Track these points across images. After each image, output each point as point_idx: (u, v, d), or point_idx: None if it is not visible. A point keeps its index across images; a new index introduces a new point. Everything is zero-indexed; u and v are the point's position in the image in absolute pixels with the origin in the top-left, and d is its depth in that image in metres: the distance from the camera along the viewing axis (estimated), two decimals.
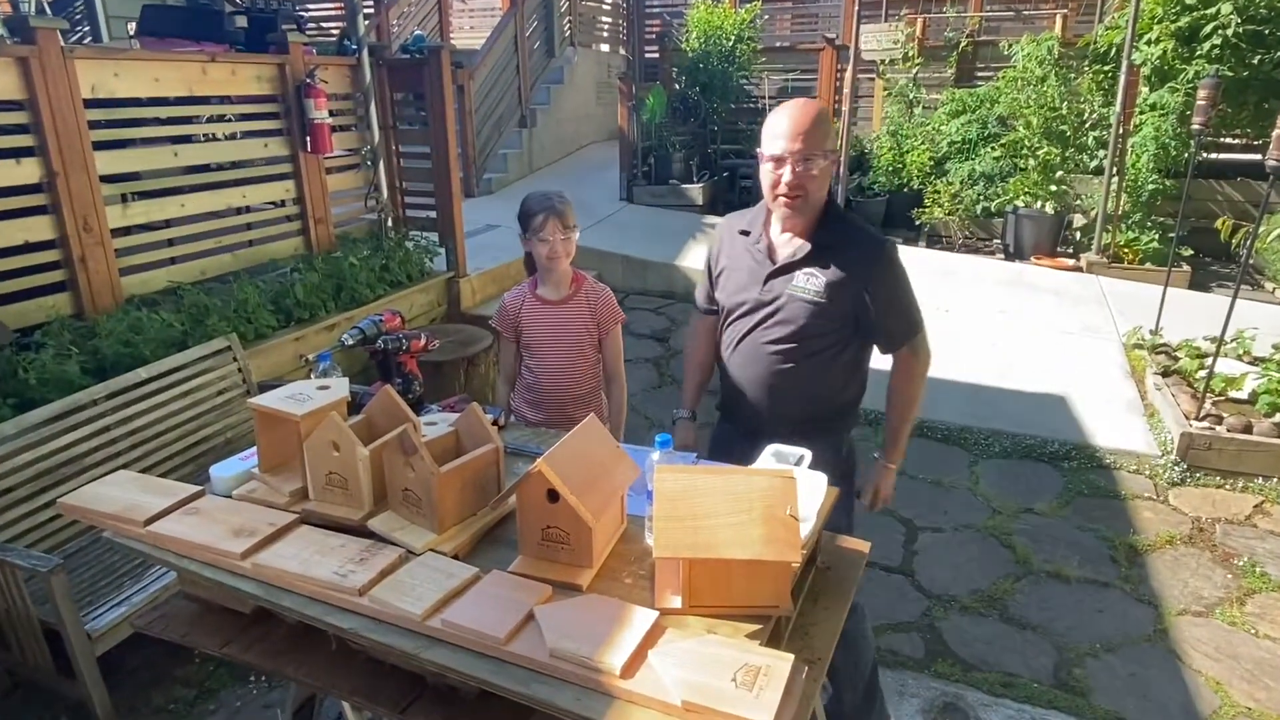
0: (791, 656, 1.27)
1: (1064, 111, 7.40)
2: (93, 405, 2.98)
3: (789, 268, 2.09)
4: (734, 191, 8.92)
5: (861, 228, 2.16)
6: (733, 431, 2.30)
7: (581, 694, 1.26)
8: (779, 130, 1.98)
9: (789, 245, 2.12)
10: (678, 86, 9.54)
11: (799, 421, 2.17)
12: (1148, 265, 6.78)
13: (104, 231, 3.56)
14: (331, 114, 4.63)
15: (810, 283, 2.07)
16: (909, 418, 2.27)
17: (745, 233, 2.20)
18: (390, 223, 5.36)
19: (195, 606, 1.78)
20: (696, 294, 2.42)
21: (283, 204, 4.69)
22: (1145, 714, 2.68)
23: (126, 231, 3.85)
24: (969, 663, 2.90)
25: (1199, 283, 6.70)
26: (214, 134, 4.45)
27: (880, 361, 2.26)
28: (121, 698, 2.67)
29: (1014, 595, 3.25)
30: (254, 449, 1.84)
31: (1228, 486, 3.98)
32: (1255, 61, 6.65)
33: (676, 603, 1.41)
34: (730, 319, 2.23)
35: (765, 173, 2.04)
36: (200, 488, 1.79)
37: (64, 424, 2.87)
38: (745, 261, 2.18)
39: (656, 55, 9.80)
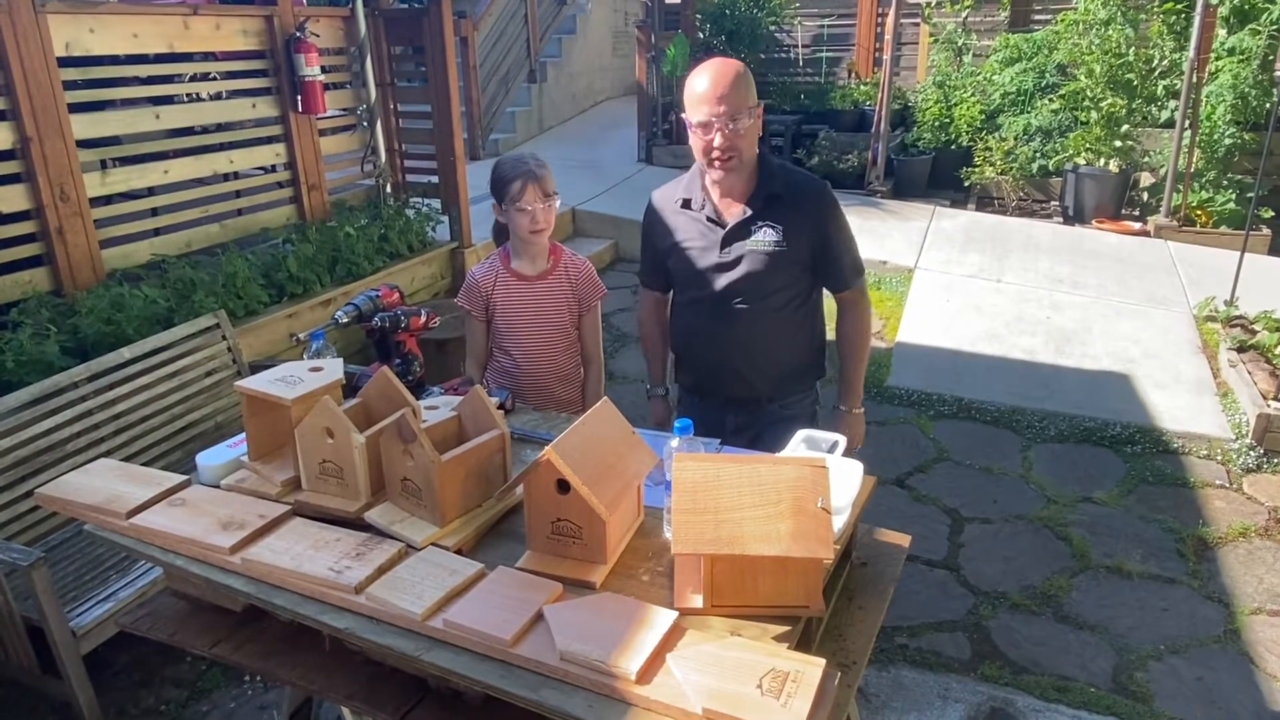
0: (823, 661, 1.27)
1: (1130, 58, 7.23)
2: (73, 388, 3.02)
3: (745, 225, 2.24)
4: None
5: (800, 173, 2.34)
6: (706, 407, 2.42)
7: (594, 700, 1.26)
8: (700, 95, 2.10)
9: (737, 204, 2.26)
10: (701, 35, 9.43)
11: (777, 379, 2.37)
12: (1223, 229, 6.64)
13: (82, 201, 3.59)
14: (324, 70, 4.63)
15: (768, 235, 2.23)
16: (865, 359, 2.47)
17: (686, 203, 2.32)
18: (389, 189, 5.37)
19: (183, 604, 1.81)
20: (641, 271, 2.60)
21: (273, 169, 4.71)
22: None
23: (106, 201, 3.88)
24: (1019, 665, 2.89)
25: None
26: (198, 94, 4.46)
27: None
28: (110, 698, 2.73)
29: (1070, 592, 3.23)
30: (243, 435, 1.86)
31: None
32: None
33: (698, 602, 1.41)
34: (691, 291, 2.36)
35: (694, 139, 2.17)
36: (186, 477, 1.81)
37: (43, 408, 2.91)
38: (695, 230, 2.32)
39: (678, 0, 9.67)
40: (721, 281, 2.27)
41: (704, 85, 2.09)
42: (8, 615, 2.52)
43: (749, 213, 2.23)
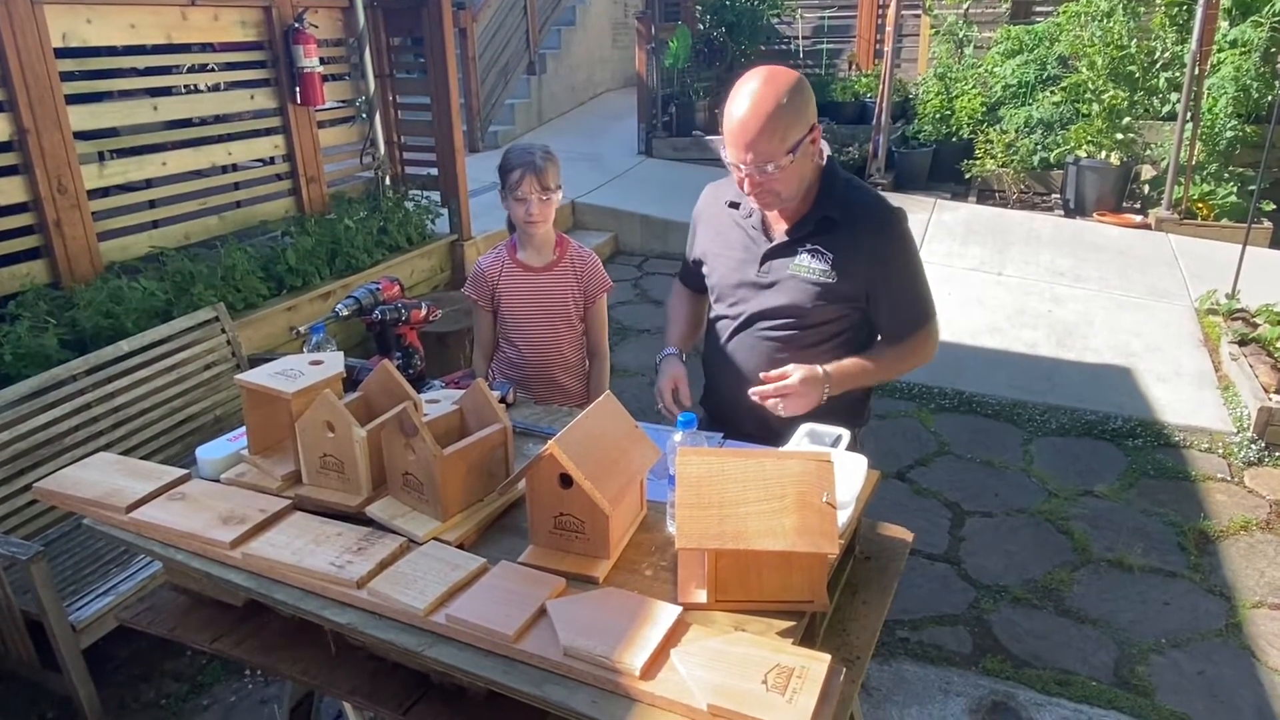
0: (828, 657, 1.26)
1: (1132, 50, 7.21)
2: (72, 381, 3.01)
3: (790, 245, 1.99)
4: None
5: (869, 193, 2.03)
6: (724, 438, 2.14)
7: (598, 696, 1.25)
8: (730, 133, 1.84)
9: (787, 219, 2.00)
10: (701, 27, 9.40)
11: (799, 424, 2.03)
12: (1224, 221, 6.63)
13: (80, 193, 3.57)
14: (322, 62, 4.60)
15: (815, 261, 1.96)
16: (876, 377, 2.09)
17: (735, 204, 2.08)
18: (388, 181, 5.35)
19: (183, 598, 1.80)
20: (682, 263, 2.37)
21: (271, 161, 4.69)
22: (1215, 715, 2.66)
23: (104, 193, 3.87)
24: (1021, 659, 2.89)
25: None
26: (196, 85, 4.44)
27: None
28: (110, 692, 2.73)
29: (1071, 586, 3.23)
30: (243, 429, 1.85)
31: None
32: None
33: (702, 597, 1.40)
34: (720, 305, 2.13)
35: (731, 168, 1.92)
36: (186, 471, 1.80)
37: (42, 401, 2.90)
38: (738, 238, 2.08)
39: None
40: (753, 304, 2.04)
41: (734, 120, 1.81)
42: (7, 609, 2.52)
43: (800, 232, 1.97)
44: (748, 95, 1.81)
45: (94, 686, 2.57)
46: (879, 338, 2.13)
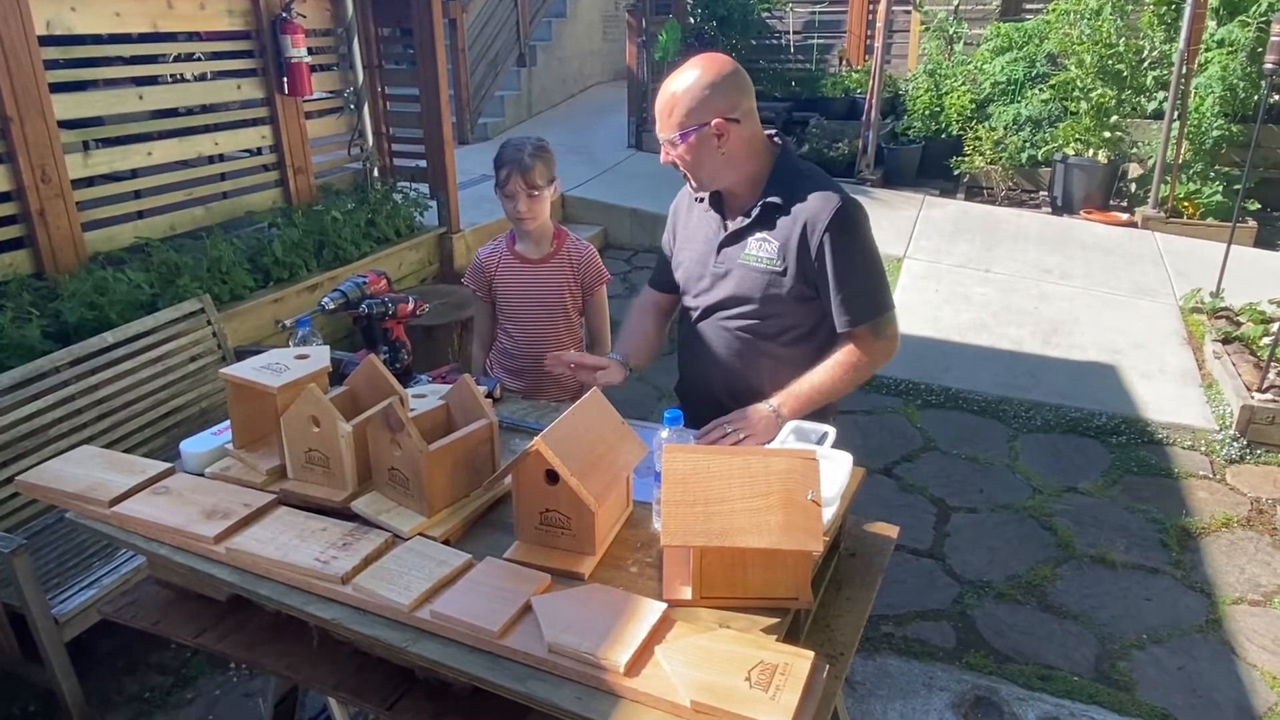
0: (811, 654, 1.27)
1: (1121, 48, 7.24)
2: (55, 373, 2.98)
3: (740, 234, 2.01)
4: None
5: (818, 181, 1.99)
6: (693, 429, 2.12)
7: (583, 692, 1.26)
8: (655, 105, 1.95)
9: (739, 208, 2.02)
10: (692, 20, 9.38)
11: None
12: (1210, 220, 6.67)
13: (64, 182, 3.54)
14: (310, 52, 4.58)
15: (763, 249, 1.96)
16: (828, 394, 2.00)
17: (701, 199, 2.11)
18: (376, 173, 5.32)
19: (167, 592, 1.79)
20: (654, 271, 2.36)
21: (259, 152, 4.66)
22: (1194, 710, 2.68)
23: (89, 183, 3.83)
24: (1004, 654, 2.91)
25: (1266, 240, 6.60)
26: (182, 74, 4.40)
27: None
28: (93, 685, 2.71)
29: (1054, 582, 3.25)
30: (228, 423, 1.84)
31: None
32: None
33: (686, 594, 1.40)
34: (689, 298, 2.16)
35: None
36: (170, 465, 1.79)
37: (24, 393, 2.87)
38: (701, 230, 2.12)
39: None
40: (711, 294, 2.06)
41: (659, 93, 1.93)
42: None
43: (745, 220, 1.99)
44: (672, 78, 1.92)
45: (77, 680, 2.55)
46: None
